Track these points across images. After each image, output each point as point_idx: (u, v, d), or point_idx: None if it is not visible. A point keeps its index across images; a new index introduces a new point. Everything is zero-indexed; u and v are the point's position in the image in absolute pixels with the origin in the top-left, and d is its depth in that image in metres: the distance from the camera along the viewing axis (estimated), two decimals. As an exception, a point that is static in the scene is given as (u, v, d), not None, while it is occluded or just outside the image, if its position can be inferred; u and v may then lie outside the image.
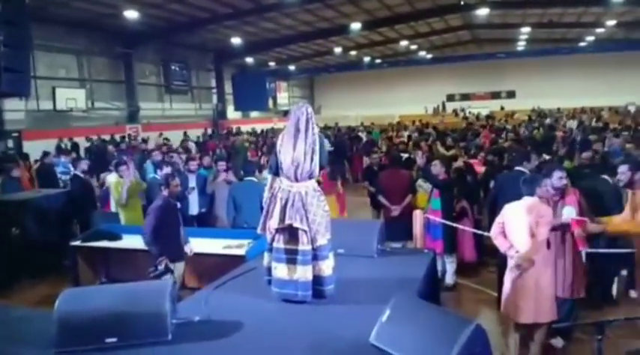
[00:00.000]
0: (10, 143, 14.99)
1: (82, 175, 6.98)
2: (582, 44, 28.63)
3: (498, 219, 4.16)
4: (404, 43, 27.60)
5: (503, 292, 4.11)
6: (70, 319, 2.70)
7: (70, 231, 6.60)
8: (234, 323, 2.97)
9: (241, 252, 4.94)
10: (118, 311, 2.73)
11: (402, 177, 6.63)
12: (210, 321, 3.02)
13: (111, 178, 6.72)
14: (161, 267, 4.50)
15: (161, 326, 2.75)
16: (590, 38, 27.68)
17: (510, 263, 4.03)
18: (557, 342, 4.49)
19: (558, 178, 4.30)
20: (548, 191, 4.23)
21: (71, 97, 17.24)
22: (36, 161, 11.34)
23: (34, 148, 13.62)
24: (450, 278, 5.98)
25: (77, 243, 5.81)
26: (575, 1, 20.08)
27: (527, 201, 3.97)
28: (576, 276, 4.32)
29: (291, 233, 3.25)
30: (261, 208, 3.51)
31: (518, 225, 3.95)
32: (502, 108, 30.70)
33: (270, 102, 29.77)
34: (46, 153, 10.94)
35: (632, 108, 25.60)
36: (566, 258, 4.30)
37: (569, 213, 4.13)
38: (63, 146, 15.66)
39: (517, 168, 5.41)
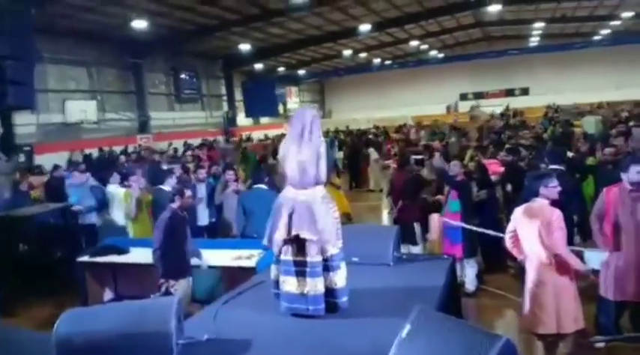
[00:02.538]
0: (22, 157, 15.00)
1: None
2: (597, 38, 28.08)
3: (509, 227, 3.90)
4: (414, 43, 27.33)
5: (523, 302, 3.85)
6: (70, 342, 2.55)
7: (77, 246, 6.45)
8: (244, 342, 2.79)
9: (252, 263, 4.76)
10: (120, 331, 2.57)
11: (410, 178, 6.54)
12: (219, 340, 2.84)
13: (114, 189, 6.58)
14: (163, 289, 4.43)
15: (166, 347, 2.57)
16: (606, 31, 27.13)
17: (529, 274, 3.77)
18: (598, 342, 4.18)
19: (637, 172, 3.95)
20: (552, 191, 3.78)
21: (82, 109, 17.30)
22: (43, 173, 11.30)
23: (45, 162, 13.63)
24: (470, 284, 5.72)
25: (85, 258, 5.66)
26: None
27: (533, 203, 3.70)
28: None
29: (299, 244, 3.08)
30: None
31: (527, 230, 3.70)
32: (507, 108, 28.83)
33: (281, 108, 29.71)
34: (56, 167, 10.87)
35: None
36: None
37: None
38: (74, 159, 15.68)
39: (553, 166, 5.02)
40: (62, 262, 6.01)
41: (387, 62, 32.71)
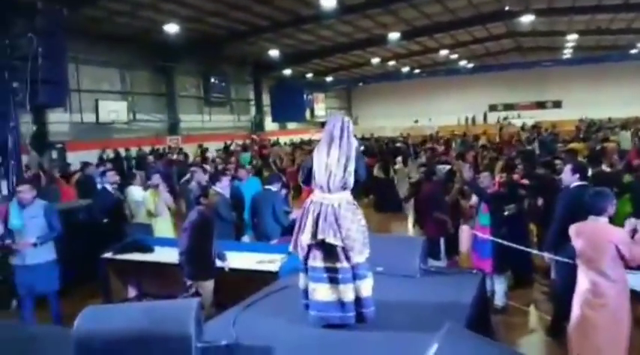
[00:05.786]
0: (55, 154, 15.34)
1: (109, 187, 6.86)
2: (634, 51, 27.26)
3: (577, 246, 3.58)
4: (444, 52, 27.02)
5: (571, 326, 3.59)
6: (89, 339, 2.51)
7: (103, 243, 6.47)
8: (264, 349, 2.71)
9: (274, 267, 4.68)
10: (140, 331, 2.52)
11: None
12: (239, 345, 2.77)
13: (136, 190, 6.65)
14: (192, 290, 4.37)
15: (185, 349, 2.50)
16: (643, 45, 26.34)
17: (584, 295, 3.50)
18: None
19: None
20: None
21: (113, 109, 17.65)
22: (75, 172, 11.46)
23: (77, 159, 13.88)
24: (500, 300, 5.51)
25: (108, 255, 5.68)
26: (626, 6, 18.93)
27: (595, 222, 3.46)
28: None
29: (327, 249, 3.00)
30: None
31: (590, 249, 3.44)
32: (525, 126, 27.59)
33: (308, 114, 29.73)
34: (86, 164, 11.02)
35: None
36: None
37: None
38: (105, 157, 15.97)
39: (580, 183, 4.68)
40: (88, 259, 5.99)
41: (416, 71, 32.36)
